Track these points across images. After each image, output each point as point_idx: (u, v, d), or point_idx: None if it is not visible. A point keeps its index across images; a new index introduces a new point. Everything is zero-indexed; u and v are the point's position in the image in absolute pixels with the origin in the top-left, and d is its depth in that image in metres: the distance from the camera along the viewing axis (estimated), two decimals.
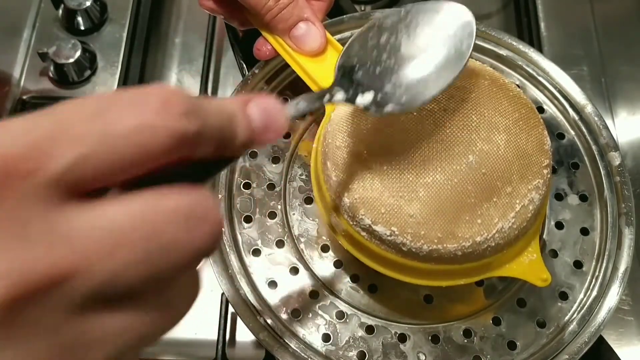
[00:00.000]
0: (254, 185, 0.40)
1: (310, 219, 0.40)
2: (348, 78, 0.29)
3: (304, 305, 0.37)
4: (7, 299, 0.15)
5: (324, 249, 0.39)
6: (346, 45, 0.30)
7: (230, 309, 0.49)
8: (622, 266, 0.38)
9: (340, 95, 0.28)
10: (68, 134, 0.16)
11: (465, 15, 0.30)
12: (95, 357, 0.17)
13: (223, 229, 0.18)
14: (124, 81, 0.60)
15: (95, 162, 0.16)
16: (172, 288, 0.18)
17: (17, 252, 0.15)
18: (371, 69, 0.29)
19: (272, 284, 0.38)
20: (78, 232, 0.16)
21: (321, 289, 0.38)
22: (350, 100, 0.28)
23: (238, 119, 0.21)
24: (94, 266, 0.16)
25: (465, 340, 0.37)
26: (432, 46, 0.29)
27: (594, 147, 0.41)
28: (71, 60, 0.59)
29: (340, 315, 0.37)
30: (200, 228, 0.18)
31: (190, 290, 0.19)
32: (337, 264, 0.39)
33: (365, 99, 0.28)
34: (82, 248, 0.16)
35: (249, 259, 0.38)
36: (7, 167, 0.15)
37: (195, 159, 0.19)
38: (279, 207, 0.40)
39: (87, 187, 0.17)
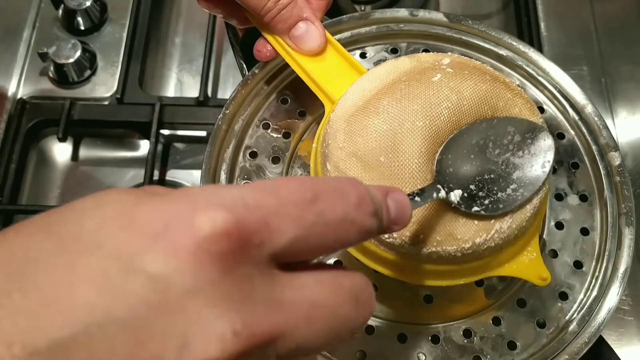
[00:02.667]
0: None
1: None
2: (443, 172, 0.31)
3: None
4: (235, 353, 0.17)
5: None
6: (446, 142, 0.32)
7: None
8: (622, 266, 0.37)
9: (442, 193, 0.30)
10: (290, 214, 0.19)
11: (546, 139, 0.32)
12: None
13: None
14: (124, 81, 0.60)
15: (305, 243, 0.19)
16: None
17: (247, 312, 0.17)
18: (461, 166, 0.32)
19: None
20: (286, 300, 0.19)
21: None
22: (446, 197, 0.30)
23: (384, 209, 0.23)
24: (295, 332, 0.19)
25: (465, 340, 0.37)
26: (512, 157, 0.32)
27: (594, 147, 0.41)
28: (71, 60, 0.59)
29: None
30: (363, 310, 0.21)
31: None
32: (337, 264, 0.39)
33: (456, 195, 0.31)
34: (289, 315, 0.19)
35: None
36: (246, 236, 0.18)
37: None
38: None
39: (289, 260, 0.19)
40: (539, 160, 0.32)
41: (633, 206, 0.39)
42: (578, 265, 0.38)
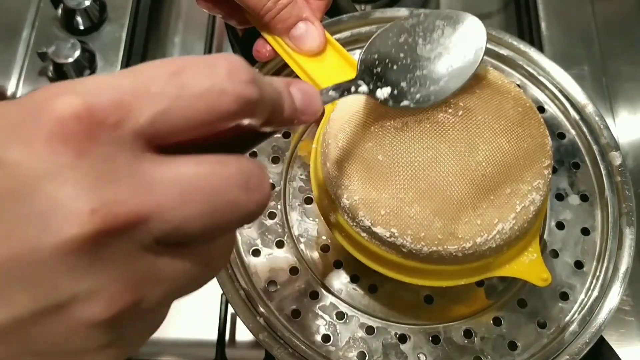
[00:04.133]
0: None
1: (310, 219, 0.40)
2: (368, 72, 0.31)
3: (303, 306, 0.37)
4: (96, 231, 0.17)
5: (324, 249, 0.39)
6: (369, 41, 0.32)
7: (230, 309, 0.49)
8: (623, 266, 0.37)
9: (363, 87, 0.30)
10: (149, 91, 0.18)
11: (477, 26, 0.32)
12: (155, 294, 0.19)
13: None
14: None
15: (171, 119, 0.18)
16: (215, 245, 0.20)
17: (108, 192, 0.17)
18: (389, 65, 0.32)
19: (272, 284, 0.38)
20: (156, 181, 0.18)
21: (321, 289, 0.38)
22: (372, 92, 0.31)
23: (284, 95, 0.22)
24: (168, 213, 0.18)
25: (466, 341, 0.37)
26: (444, 51, 0.32)
27: (594, 147, 0.41)
28: (70, 60, 0.59)
29: (340, 315, 0.37)
30: (255, 194, 0.20)
31: (226, 251, 0.22)
32: (337, 264, 0.39)
33: (383, 92, 0.31)
34: (159, 195, 0.18)
35: (249, 259, 0.38)
36: (97, 118, 0.17)
37: (244, 129, 0.21)
38: (279, 207, 0.40)
39: (161, 141, 0.19)
40: (470, 49, 0.32)
41: (634, 206, 0.39)
42: (579, 265, 0.38)
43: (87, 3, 0.61)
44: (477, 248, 0.31)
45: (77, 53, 0.59)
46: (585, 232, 0.39)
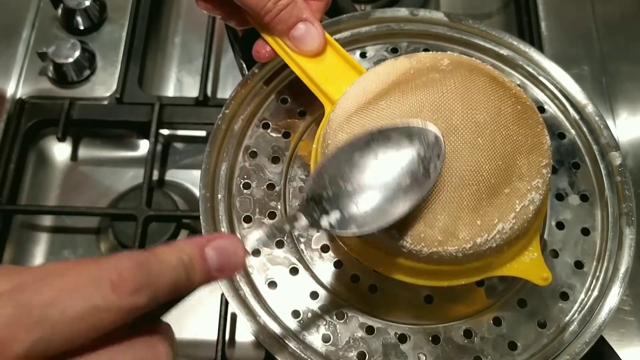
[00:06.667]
0: (253, 185, 0.40)
1: None
2: (316, 198, 0.30)
3: (303, 306, 0.37)
4: None
5: (324, 249, 0.39)
6: (318, 164, 0.31)
7: (230, 309, 0.49)
8: (623, 266, 0.37)
9: (302, 222, 0.29)
10: (28, 320, 0.19)
11: (435, 137, 0.31)
12: None
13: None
14: (124, 81, 0.60)
15: (52, 342, 0.19)
16: None
17: None
18: (340, 186, 0.30)
19: (272, 284, 0.38)
20: None
21: (321, 290, 0.38)
22: (314, 225, 0.29)
23: (195, 266, 0.23)
24: None
25: (466, 341, 0.37)
26: (399, 166, 0.30)
27: (594, 147, 0.41)
28: (70, 60, 0.59)
29: (340, 315, 0.37)
30: None
31: None
32: (337, 264, 0.39)
33: (331, 218, 0.29)
34: None
35: (249, 260, 0.38)
36: None
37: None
38: (279, 207, 0.40)
39: (47, 357, 0.20)
40: (429, 160, 0.30)
41: (634, 206, 0.39)
42: (579, 265, 0.38)
43: (87, 3, 0.61)
44: (477, 248, 0.31)
45: (77, 53, 0.59)
46: (585, 232, 0.39)
